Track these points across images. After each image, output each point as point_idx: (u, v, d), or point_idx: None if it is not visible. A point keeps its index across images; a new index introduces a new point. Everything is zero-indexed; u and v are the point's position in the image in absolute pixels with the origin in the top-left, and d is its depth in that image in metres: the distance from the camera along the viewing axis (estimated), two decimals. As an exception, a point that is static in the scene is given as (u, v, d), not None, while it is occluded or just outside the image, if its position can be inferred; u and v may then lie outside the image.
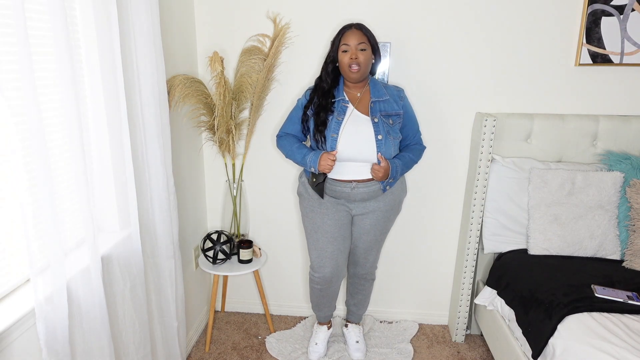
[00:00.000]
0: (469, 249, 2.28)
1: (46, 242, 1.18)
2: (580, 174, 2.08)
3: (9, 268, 1.25)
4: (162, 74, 1.70)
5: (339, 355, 2.31)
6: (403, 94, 2.00)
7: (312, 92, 1.97)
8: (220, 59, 2.03)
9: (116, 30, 1.44)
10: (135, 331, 1.66)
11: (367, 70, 1.88)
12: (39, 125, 1.12)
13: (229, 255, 2.28)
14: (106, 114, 1.50)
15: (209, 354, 2.30)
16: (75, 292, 1.33)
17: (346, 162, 1.90)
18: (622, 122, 2.15)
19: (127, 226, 1.65)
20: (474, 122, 2.26)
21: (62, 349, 1.23)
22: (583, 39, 2.11)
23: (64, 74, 1.21)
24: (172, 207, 1.84)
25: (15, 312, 1.18)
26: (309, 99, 1.97)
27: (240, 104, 2.19)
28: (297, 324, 2.56)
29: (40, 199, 1.15)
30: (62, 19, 1.19)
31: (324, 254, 2.01)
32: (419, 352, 2.35)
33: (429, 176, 2.37)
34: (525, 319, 1.80)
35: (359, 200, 1.98)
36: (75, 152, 1.28)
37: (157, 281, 1.83)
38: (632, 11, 2.07)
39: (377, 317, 2.62)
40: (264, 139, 2.38)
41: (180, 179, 2.13)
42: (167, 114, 1.77)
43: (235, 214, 2.36)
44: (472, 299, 2.40)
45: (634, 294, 1.72)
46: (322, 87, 1.93)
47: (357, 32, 1.85)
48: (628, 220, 2.05)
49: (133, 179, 1.57)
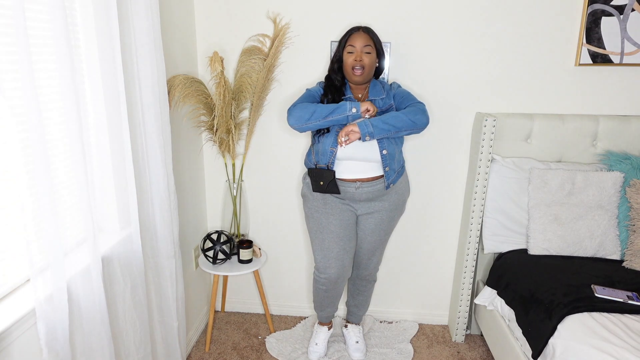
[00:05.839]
0: (469, 249, 2.28)
1: (46, 242, 1.18)
2: (580, 174, 2.08)
3: (9, 268, 1.25)
4: (162, 74, 1.70)
5: (339, 355, 2.31)
6: (395, 85, 2.01)
7: (324, 86, 1.97)
8: (220, 59, 2.03)
9: (116, 30, 1.44)
10: (136, 331, 1.66)
11: (370, 73, 1.89)
12: (39, 125, 1.12)
13: (229, 255, 2.28)
14: (106, 114, 1.50)
15: (209, 354, 2.30)
16: (76, 292, 1.33)
17: (349, 161, 1.90)
18: (622, 122, 2.15)
19: (127, 226, 1.65)
20: (474, 122, 2.26)
21: (62, 349, 1.23)
22: (583, 39, 2.11)
23: (64, 74, 1.21)
24: (173, 207, 1.84)
25: (15, 312, 1.18)
26: (323, 92, 1.96)
27: (240, 104, 2.19)
28: (297, 324, 2.56)
29: (40, 199, 1.15)
30: (62, 19, 1.19)
31: (329, 255, 2.00)
32: (419, 352, 2.35)
33: (429, 176, 2.37)
34: (525, 319, 1.80)
35: (363, 200, 1.98)
36: (76, 152, 1.28)
37: (158, 281, 1.83)
38: (632, 11, 2.07)
39: (377, 317, 2.62)
40: (264, 139, 2.38)
41: (181, 179, 2.13)
42: (167, 114, 1.77)
43: (235, 214, 2.36)
44: (472, 299, 2.40)
45: (634, 294, 1.72)
46: (334, 85, 1.94)
47: (364, 35, 1.86)
48: (628, 220, 2.05)
49: (133, 179, 1.57)
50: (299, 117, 1.83)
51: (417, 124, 1.81)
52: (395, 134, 1.81)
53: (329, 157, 1.88)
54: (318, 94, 1.96)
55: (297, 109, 1.85)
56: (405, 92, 1.96)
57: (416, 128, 1.82)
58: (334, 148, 1.87)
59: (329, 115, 1.80)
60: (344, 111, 1.79)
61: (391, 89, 1.98)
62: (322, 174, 1.90)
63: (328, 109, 1.81)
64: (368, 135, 1.76)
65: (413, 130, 1.83)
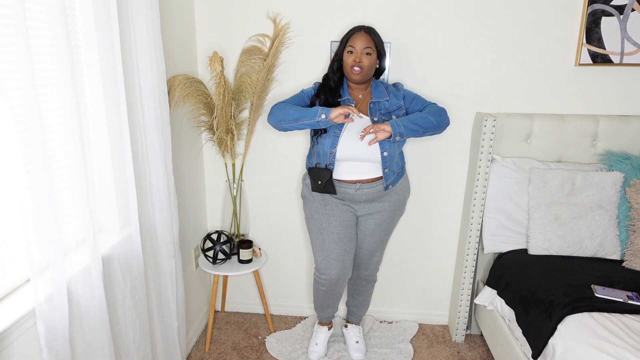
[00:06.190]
0: (469, 249, 2.28)
1: (46, 242, 1.18)
2: (580, 174, 2.08)
3: (9, 268, 1.25)
4: (162, 74, 1.70)
5: (339, 355, 2.31)
6: (400, 86, 2.01)
7: (319, 87, 1.97)
8: (220, 59, 2.03)
9: (116, 30, 1.44)
10: (136, 331, 1.66)
11: (369, 74, 1.89)
12: (39, 125, 1.12)
13: (229, 255, 2.28)
14: (106, 114, 1.50)
15: (209, 354, 2.30)
16: (76, 292, 1.33)
17: (349, 162, 1.90)
18: (622, 122, 2.15)
19: (127, 226, 1.65)
20: (474, 122, 2.26)
21: (62, 349, 1.23)
22: (583, 39, 2.11)
23: (64, 74, 1.21)
24: (173, 207, 1.84)
25: (15, 312, 1.18)
26: (316, 92, 1.97)
27: (240, 104, 2.19)
28: (297, 324, 2.56)
29: (40, 199, 1.15)
30: (62, 19, 1.19)
31: (330, 256, 2.00)
32: (419, 352, 2.35)
33: (429, 176, 2.37)
34: (525, 319, 1.80)
35: (363, 201, 1.98)
36: (76, 152, 1.28)
37: (158, 281, 1.83)
38: (632, 11, 2.07)
39: (377, 317, 2.62)
40: (264, 139, 2.38)
41: (181, 179, 2.13)
42: (167, 114, 1.77)
43: (235, 214, 2.36)
44: (472, 299, 2.40)
45: (634, 294, 1.72)
46: (329, 85, 1.94)
47: (365, 36, 1.86)
48: (628, 220, 2.05)
49: (133, 179, 1.57)
50: (274, 117, 1.88)
51: (441, 125, 1.86)
52: (422, 134, 1.84)
53: (329, 158, 1.88)
54: (308, 96, 1.98)
55: (276, 108, 1.89)
56: (413, 93, 1.99)
57: (439, 128, 1.86)
58: (332, 149, 1.87)
59: (300, 119, 1.82)
60: (314, 116, 1.80)
61: (398, 90, 1.98)
62: (320, 173, 1.91)
63: (300, 112, 1.82)
64: (399, 135, 1.78)
65: (437, 131, 1.87)
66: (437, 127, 1.85)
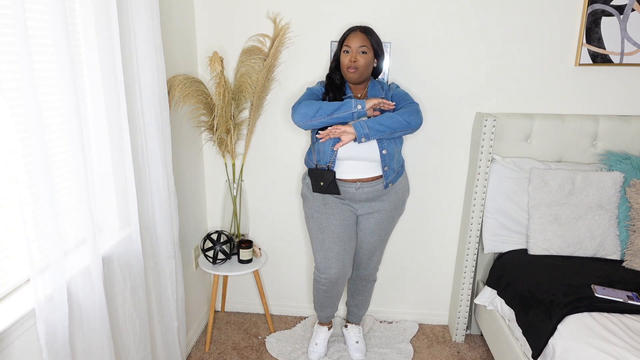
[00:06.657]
0: (469, 249, 2.28)
1: (46, 242, 1.18)
2: (580, 174, 2.08)
3: (9, 268, 1.25)
4: (162, 74, 1.70)
5: (339, 355, 2.31)
6: (393, 86, 2.01)
7: (326, 85, 1.97)
8: (220, 59, 2.03)
9: (116, 30, 1.44)
10: (136, 331, 1.66)
11: (365, 73, 1.89)
12: (39, 125, 1.12)
13: (229, 255, 2.28)
14: (106, 114, 1.50)
15: (209, 354, 2.30)
16: (76, 292, 1.33)
17: (349, 162, 1.90)
18: (622, 122, 2.15)
19: (127, 226, 1.65)
20: (474, 122, 2.26)
21: (62, 349, 1.23)
22: (583, 39, 2.11)
23: (64, 74, 1.21)
24: (173, 207, 1.84)
25: (15, 312, 1.18)
26: (325, 90, 1.96)
27: (240, 104, 2.19)
28: (297, 324, 2.56)
29: (40, 199, 1.15)
30: (62, 19, 1.19)
31: (330, 255, 2.00)
32: (419, 352, 2.35)
33: (429, 176, 2.37)
34: (525, 319, 1.80)
35: (363, 201, 1.98)
36: (76, 152, 1.28)
37: (158, 281, 1.83)
38: (632, 11, 2.07)
39: (377, 317, 2.62)
40: (264, 139, 2.38)
41: (181, 179, 2.13)
42: (167, 114, 1.78)
43: (235, 214, 2.36)
44: (472, 299, 2.40)
45: (634, 294, 1.72)
46: (335, 83, 1.94)
47: (361, 36, 1.86)
48: (628, 220, 2.05)
49: (133, 179, 1.57)
50: (303, 114, 1.83)
51: (411, 125, 1.83)
52: (390, 135, 1.82)
53: (330, 157, 1.88)
54: (320, 92, 1.97)
55: (301, 106, 1.85)
56: (402, 92, 1.97)
57: (410, 128, 1.84)
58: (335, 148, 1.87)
59: (334, 112, 1.80)
60: (349, 108, 1.80)
61: (390, 90, 1.98)
62: (323, 174, 1.90)
63: (333, 106, 1.81)
64: (364, 136, 1.77)
65: (407, 131, 1.84)
66: (408, 127, 1.82)
